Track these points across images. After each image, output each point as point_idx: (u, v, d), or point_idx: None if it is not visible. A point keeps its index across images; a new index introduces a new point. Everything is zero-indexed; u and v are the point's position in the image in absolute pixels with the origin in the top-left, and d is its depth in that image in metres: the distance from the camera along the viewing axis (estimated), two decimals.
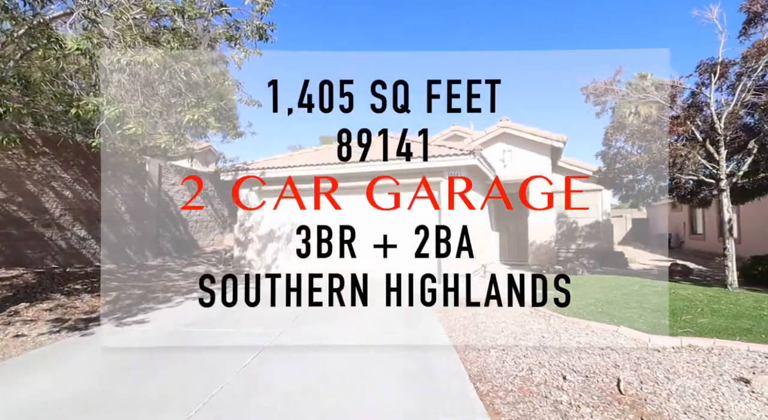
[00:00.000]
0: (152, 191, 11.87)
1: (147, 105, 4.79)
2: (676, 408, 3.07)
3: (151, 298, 7.41)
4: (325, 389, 3.49)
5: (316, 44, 62.98)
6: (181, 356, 4.38)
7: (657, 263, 13.31)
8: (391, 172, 8.92)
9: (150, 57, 4.04)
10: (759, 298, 6.40)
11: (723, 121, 6.86)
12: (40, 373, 3.89)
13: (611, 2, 53.06)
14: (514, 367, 3.93)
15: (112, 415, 3.10)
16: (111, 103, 4.00)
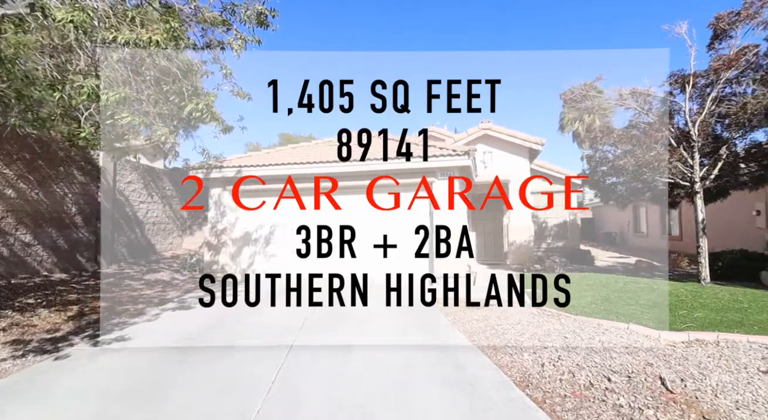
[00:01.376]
0: (106, 189, 10.65)
1: (139, 92, 4.18)
2: (728, 404, 3.15)
3: (122, 312, 6.57)
4: (371, 402, 3.20)
5: (310, 42, 61.20)
6: (187, 376, 3.84)
7: (616, 260, 14.24)
8: (381, 172, 8.69)
9: (157, 35, 3.48)
10: (732, 291, 6.98)
11: (696, 129, 7.42)
12: (23, 406, 3.21)
13: (592, 9, 56.13)
14: (555, 371, 3.88)
15: None
16: (111, 87, 3.39)
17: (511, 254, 11.43)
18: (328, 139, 11.79)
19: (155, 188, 13.09)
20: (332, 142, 11.38)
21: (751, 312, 5.72)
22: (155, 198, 13.05)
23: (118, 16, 3.88)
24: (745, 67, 7.57)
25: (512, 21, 63.15)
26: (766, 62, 7.39)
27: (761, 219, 12.29)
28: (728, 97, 7.71)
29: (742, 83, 7.61)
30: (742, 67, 7.55)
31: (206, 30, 5.43)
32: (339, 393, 3.45)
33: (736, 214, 12.60)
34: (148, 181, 12.74)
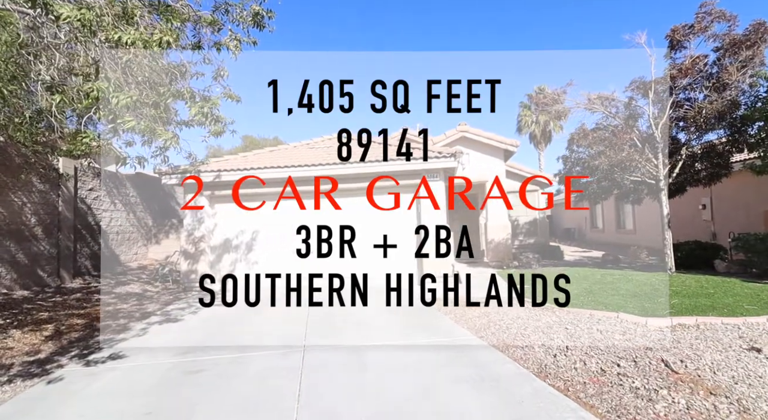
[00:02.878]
0: (67, 198, 9.87)
1: (141, 94, 3.96)
2: (726, 379, 3.50)
3: (105, 328, 6.15)
4: (403, 406, 3.24)
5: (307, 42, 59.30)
6: (208, 390, 3.68)
7: (582, 254, 15.14)
8: (367, 175, 8.72)
9: (167, 36, 3.31)
10: (696, 279, 7.68)
11: (659, 131, 8.09)
12: None
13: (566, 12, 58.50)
14: (567, 361, 4.10)
15: None
16: (119, 89, 3.18)
17: (490, 252, 11.84)
18: (305, 141, 11.64)
19: (118, 195, 12.30)
20: (310, 144, 11.25)
21: (717, 297, 6.33)
22: (118, 206, 12.25)
23: (116, 15, 3.67)
24: (698, 75, 8.37)
25: (473, 22, 65.27)
26: (716, 71, 8.20)
27: (707, 212, 13.57)
28: (684, 103, 8.48)
29: (696, 90, 8.39)
30: (695, 75, 8.34)
31: (198, 30, 5.24)
32: (369, 400, 3.46)
33: (686, 208, 13.82)
34: (110, 187, 11.94)
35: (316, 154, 10.00)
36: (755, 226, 10.50)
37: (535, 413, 3.11)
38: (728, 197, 12.39)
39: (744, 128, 7.99)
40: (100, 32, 3.17)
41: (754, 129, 7.92)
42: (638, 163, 7.91)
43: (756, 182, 9.68)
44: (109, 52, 3.56)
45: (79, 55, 3.43)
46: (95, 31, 3.06)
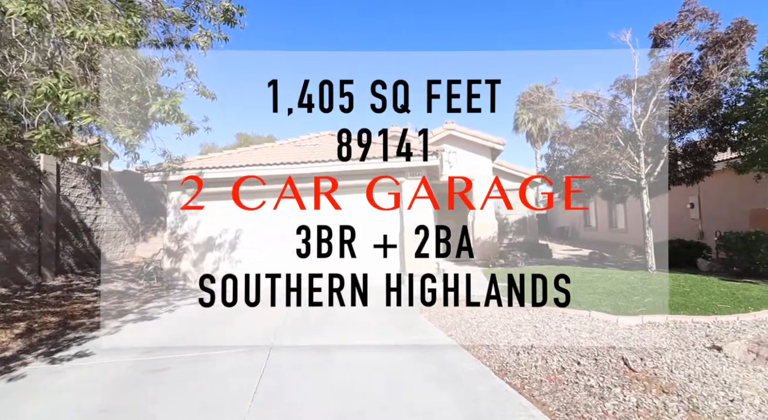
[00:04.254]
0: (49, 197, 9.82)
1: (99, 91, 3.93)
2: (681, 378, 3.50)
3: (78, 326, 6.13)
4: (359, 399, 3.24)
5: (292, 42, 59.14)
6: (167, 388, 3.67)
7: (572, 253, 15.14)
8: (352, 173, 8.70)
9: (121, 32, 3.28)
10: (675, 277, 7.68)
11: (641, 130, 8.08)
12: None
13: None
14: (529, 359, 4.09)
15: None
16: (69, 85, 3.15)
17: (477, 250, 11.83)
18: (292, 139, 11.60)
19: (104, 193, 12.25)
20: (297, 142, 11.22)
21: (692, 295, 6.33)
22: (104, 203, 12.20)
23: (75, 10, 3.63)
24: (681, 73, 8.35)
25: (467, 22, 65.14)
26: (698, 69, 8.18)
27: (695, 211, 13.58)
28: (667, 101, 8.46)
29: (678, 88, 8.38)
30: (678, 73, 8.32)
31: (168, 26, 5.20)
32: (328, 398, 3.45)
33: (675, 207, 13.83)
34: (95, 185, 11.89)
35: (301, 152, 9.97)
36: (740, 224, 10.50)
37: (488, 411, 3.11)
38: (715, 196, 12.41)
39: (726, 127, 7.98)
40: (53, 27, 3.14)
41: (735, 128, 7.91)
42: (618, 161, 7.90)
43: (740, 181, 9.67)
44: (75, 49, 3.52)
45: (32, 50, 3.39)
46: (44, 26, 3.03)
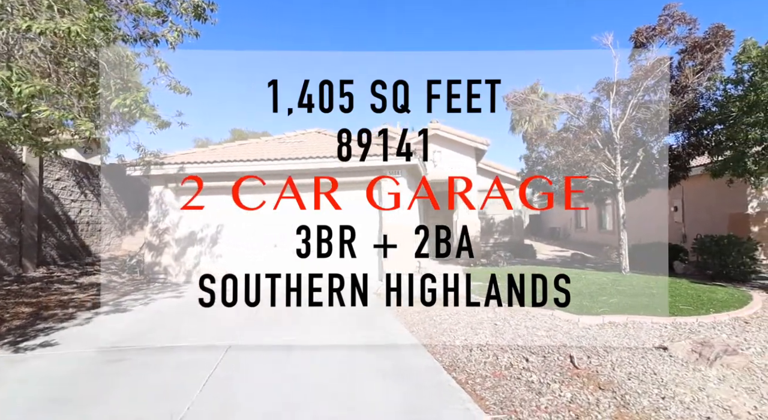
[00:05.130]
0: (31, 189, 9.85)
1: (61, 85, 3.97)
2: (621, 375, 3.58)
3: (49, 317, 6.18)
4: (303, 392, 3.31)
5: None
6: (120, 379, 3.74)
7: (557, 253, 15.24)
8: (328, 171, 8.74)
9: (75, 26, 3.33)
10: (647, 279, 7.78)
11: (618, 132, 8.15)
12: None
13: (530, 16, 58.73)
14: (481, 355, 4.17)
15: None
16: (23, 78, 3.20)
17: None
18: (278, 136, 11.65)
19: (89, 186, 12.27)
20: (282, 139, 11.26)
21: (658, 296, 6.42)
22: (89, 196, 12.23)
23: (36, 2, 3.68)
24: (660, 77, 8.42)
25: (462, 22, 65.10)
26: (677, 74, 8.25)
27: (678, 214, 13.70)
28: (646, 104, 8.53)
29: (657, 92, 8.44)
30: (658, 76, 8.39)
31: (138, 21, 5.24)
32: (271, 393, 3.52)
33: (660, 210, 13.94)
34: (80, 178, 11.91)
35: (284, 148, 10.01)
36: (720, 228, 10.60)
37: (427, 403, 3.18)
38: (697, 200, 12.52)
39: (702, 132, 8.05)
40: (8, 21, 3.19)
41: (711, 132, 7.99)
42: (594, 163, 7.98)
43: (721, 185, 9.76)
44: (32, 42, 3.57)
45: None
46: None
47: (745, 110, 6.74)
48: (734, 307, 5.86)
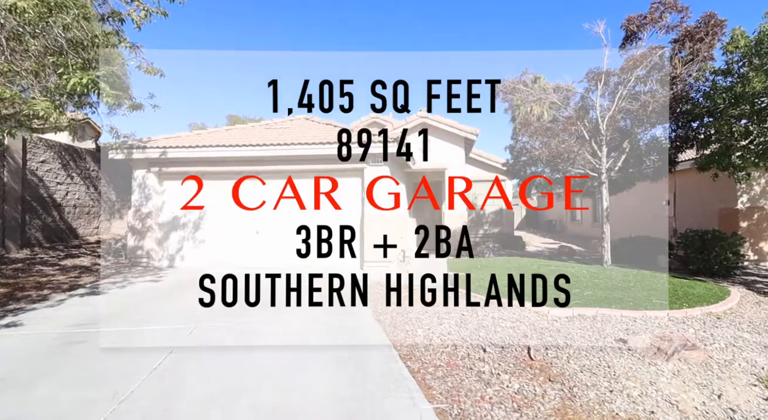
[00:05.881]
0: (14, 170, 9.80)
1: (15, 63, 3.87)
2: (574, 368, 3.55)
3: (22, 298, 6.18)
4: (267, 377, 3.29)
5: None
6: (74, 361, 3.73)
7: (548, 246, 15.20)
8: (310, 158, 8.64)
9: (23, 2, 3.22)
10: (626, 273, 7.73)
11: (605, 123, 8.01)
12: None
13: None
14: (441, 345, 4.15)
15: None
16: None
17: None
18: (265, 122, 11.51)
19: (76, 169, 12.21)
20: (268, 125, 11.13)
21: (634, 290, 6.38)
22: (76, 179, 12.18)
23: None
24: (651, 67, 8.23)
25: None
26: (667, 64, 8.06)
27: (670, 208, 13.58)
28: (636, 95, 8.35)
29: (647, 83, 8.26)
30: (648, 67, 8.20)
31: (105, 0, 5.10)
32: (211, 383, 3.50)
33: (651, 203, 13.84)
34: (66, 161, 11.84)
35: (269, 134, 9.89)
36: (711, 223, 10.51)
37: (372, 391, 3.16)
38: (689, 194, 12.39)
39: (689, 124, 7.90)
40: None
41: (699, 125, 7.84)
42: (577, 154, 7.85)
43: (710, 180, 9.65)
44: None
45: None
46: None
47: (732, 102, 6.59)
48: (709, 302, 5.81)
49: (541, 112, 8.97)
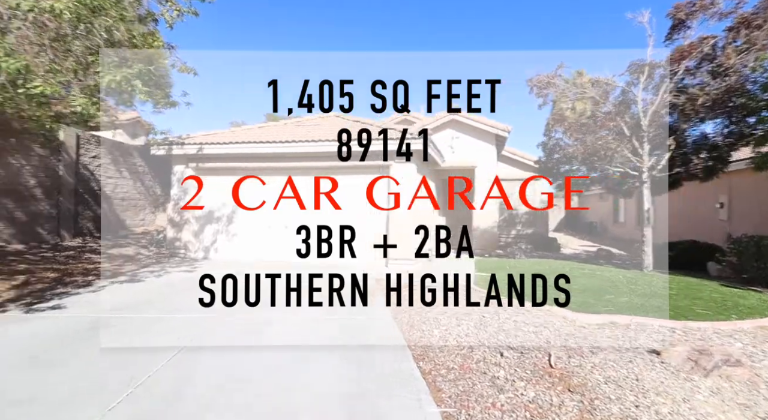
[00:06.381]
0: (68, 164, 10.57)
1: (58, 62, 4.14)
2: (598, 379, 3.32)
3: (69, 283, 6.66)
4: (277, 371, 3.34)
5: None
6: (110, 344, 3.96)
7: (585, 248, 14.49)
8: (332, 154, 8.70)
9: (59, 3, 3.44)
10: (669, 279, 7.19)
11: (648, 119, 7.47)
12: None
13: None
14: (456, 346, 4.03)
15: (8, 413, 2.71)
16: (10, 54, 3.37)
17: (475, 240, 11.57)
18: (296, 119, 11.73)
19: (124, 163, 13.00)
20: (300, 122, 11.33)
21: (676, 298, 5.92)
22: (124, 173, 12.97)
23: None
24: (701, 58, 7.59)
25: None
26: (719, 54, 7.39)
27: (724, 211, 12.51)
28: (684, 89, 7.74)
29: (696, 75, 7.63)
30: (698, 58, 7.57)
31: (140, 1, 5.34)
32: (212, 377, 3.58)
33: (704, 206, 12.82)
34: (116, 156, 12.64)
35: (299, 131, 10.07)
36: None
37: (379, 390, 3.11)
38: (748, 195, 11.34)
39: (743, 119, 7.20)
40: None
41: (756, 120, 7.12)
42: (615, 151, 7.36)
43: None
44: (19, 19, 3.74)
45: None
46: None
47: None
48: (763, 315, 5.28)
49: (584, 109, 8.50)
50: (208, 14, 39.57)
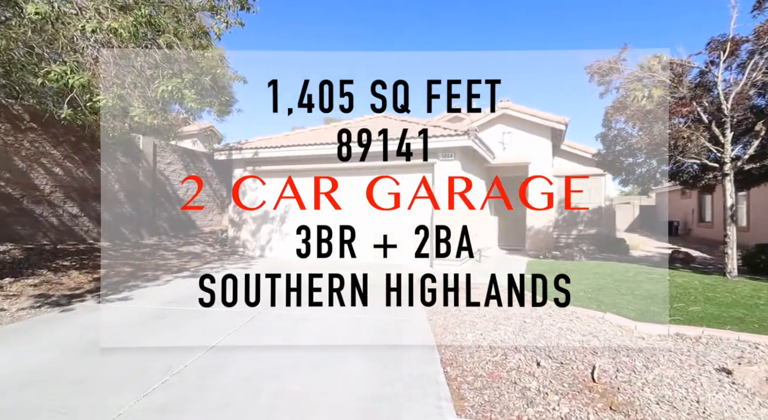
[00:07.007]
0: (147, 170, 11.80)
1: (120, 76, 4.61)
2: (649, 397, 2.93)
3: (140, 276, 7.40)
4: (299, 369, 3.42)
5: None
6: (159, 335, 4.33)
7: (660, 250, 13.03)
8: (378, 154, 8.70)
9: (116, 23, 3.83)
10: (757, 286, 6.18)
11: (730, 102, 6.49)
12: (7, 349, 3.86)
13: None
14: (489, 352, 3.81)
15: (60, 391, 3.03)
16: (76, 71, 3.84)
17: (529, 240, 10.93)
18: (345, 121, 11.97)
19: (194, 169, 14.23)
20: (349, 123, 11.54)
21: (761, 309, 5.07)
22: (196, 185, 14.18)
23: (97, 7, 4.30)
24: None
25: None
26: None
27: None
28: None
29: None
30: None
31: (193, 16, 5.76)
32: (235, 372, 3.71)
33: None
34: (188, 162, 13.87)
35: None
36: None
37: (398, 393, 3.03)
38: None
39: None
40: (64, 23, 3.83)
41: None
42: (688, 141, 6.46)
43: None
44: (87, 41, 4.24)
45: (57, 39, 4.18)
46: (53, 22, 3.72)
47: None
48: None
49: (662, 95, 7.61)
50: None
